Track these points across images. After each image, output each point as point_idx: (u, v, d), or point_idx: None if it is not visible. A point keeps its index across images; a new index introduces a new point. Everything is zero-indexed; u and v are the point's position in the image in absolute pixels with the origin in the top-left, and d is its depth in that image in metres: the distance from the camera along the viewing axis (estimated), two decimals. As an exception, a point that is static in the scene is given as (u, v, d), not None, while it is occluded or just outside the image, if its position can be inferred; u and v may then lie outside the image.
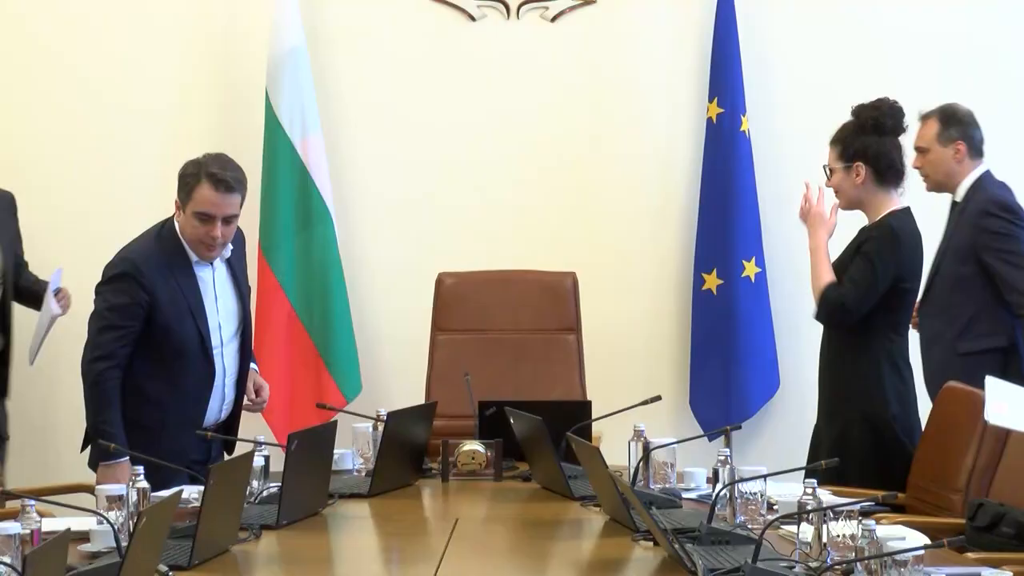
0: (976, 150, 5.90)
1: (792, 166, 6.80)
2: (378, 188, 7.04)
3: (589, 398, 6.13)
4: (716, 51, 6.91)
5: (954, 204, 5.90)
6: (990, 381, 4.49)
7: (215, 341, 5.12)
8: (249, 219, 6.75)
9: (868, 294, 5.24)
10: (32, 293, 6.10)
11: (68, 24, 6.97)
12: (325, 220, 6.83)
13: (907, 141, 5.40)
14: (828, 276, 5.32)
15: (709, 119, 6.90)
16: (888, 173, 5.31)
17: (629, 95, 7.01)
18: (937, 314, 5.84)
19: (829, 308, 5.30)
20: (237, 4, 7.02)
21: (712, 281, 6.90)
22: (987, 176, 5.89)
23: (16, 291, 6.09)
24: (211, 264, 5.13)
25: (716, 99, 6.90)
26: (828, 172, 5.38)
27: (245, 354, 5.28)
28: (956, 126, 5.87)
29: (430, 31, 7.00)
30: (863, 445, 5.25)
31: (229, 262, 5.21)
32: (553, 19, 6.99)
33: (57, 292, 5.92)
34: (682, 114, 7.01)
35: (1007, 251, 5.70)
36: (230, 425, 5.27)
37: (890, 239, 5.25)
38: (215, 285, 5.16)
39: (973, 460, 4.99)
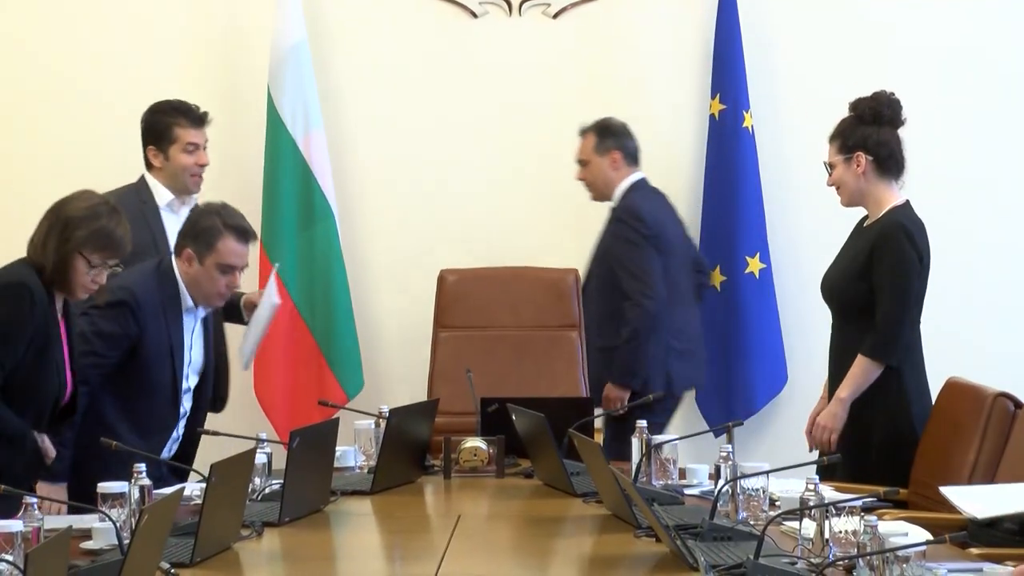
0: (631, 158, 6.30)
1: (796, 161, 6.80)
2: (380, 185, 7.04)
3: (591, 395, 6.16)
4: (718, 47, 6.91)
5: (612, 209, 6.27)
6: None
7: (184, 386, 5.12)
8: (250, 216, 6.77)
9: (908, 312, 5.20)
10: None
11: (69, 21, 6.97)
12: (327, 217, 6.83)
13: (905, 134, 5.37)
14: (859, 380, 5.21)
15: (712, 115, 6.90)
16: (889, 162, 5.29)
17: (631, 92, 7.00)
18: (585, 310, 6.31)
19: (885, 348, 5.20)
20: (239, 1, 7.01)
21: (716, 278, 6.89)
22: (639, 183, 6.29)
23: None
24: (196, 312, 5.13)
25: (719, 95, 6.89)
26: (829, 168, 5.36)
27: (202, 399, 5.23)
28: (611, 137, 6.28)
29: (432, 28, 7.00)
30: (885, 447, 5.21)
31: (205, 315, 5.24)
32: (555, 16, 6.99)
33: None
34: (685, 110, 7.00)
35: (627, 258, 6.11)
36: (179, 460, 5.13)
37: (905, 243, 5.18)
38: (192, 332, 5.16)
39: (976, 455, 4.99)
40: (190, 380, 5.16)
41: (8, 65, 7.03)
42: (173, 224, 5.64)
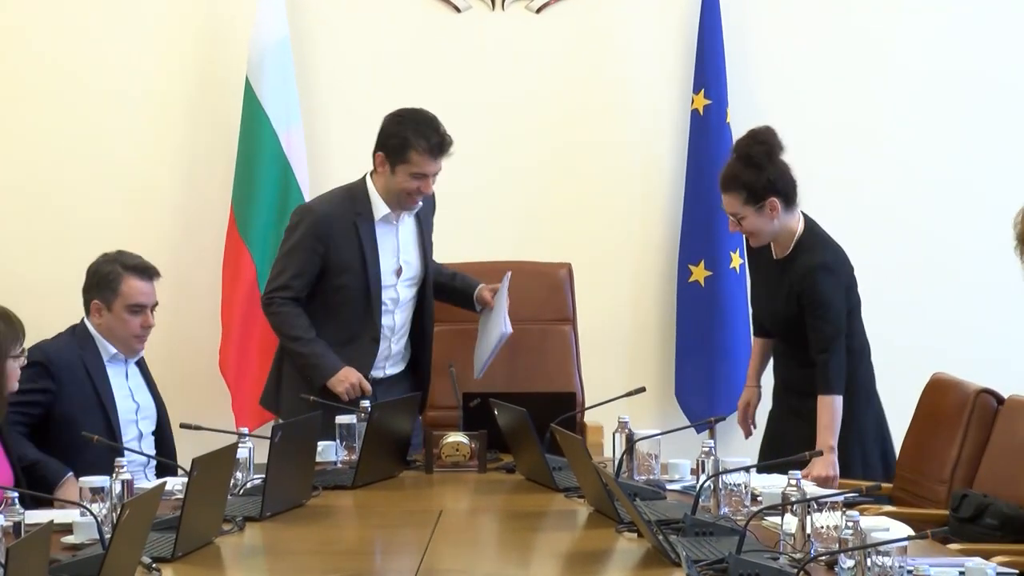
0: None
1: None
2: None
3: (585, 389, 6.16)
4: (701, 42, 6.88)
5: None
6: None
7: (135, 432, 5.11)
8: (223, 208, 6.77)
9: (842, 340, 5.20)
10: (454, 290, 5.85)
11: (49, 13, 6.90)
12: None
13: (889, 132, 5.35)
14: (834, 419, 5.17)
15: (695, 110, 6.89)
16: (793, 194, 5.23)
17: (614, 86, 6.98)
18: None
19: (837, 382, 5.18)
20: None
21: (700, 273, 6.88)
22: None
23: (436, 289, 5.82)
24: (125, 361, 5.14)
25: (702, 91, 6.88)
26: (737, 220, 5.25)
27: (165, 443, 5.23)
28: None
29: (415, 23, 6.96)
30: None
31: (139, 364, 5.23)
32: (538, 10, 6.97)
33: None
34: (667, 105, 6.98)
35: None
36: None
37: (827, 283, 5.18)
38: (127, 379, 5.15)
39: (958, 451, 5.00)
40: (142, 426, 5.14)
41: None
42: (384, 237, 5.55)
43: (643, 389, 5.27)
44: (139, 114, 6.90)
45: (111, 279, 5.08)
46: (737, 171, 5.21)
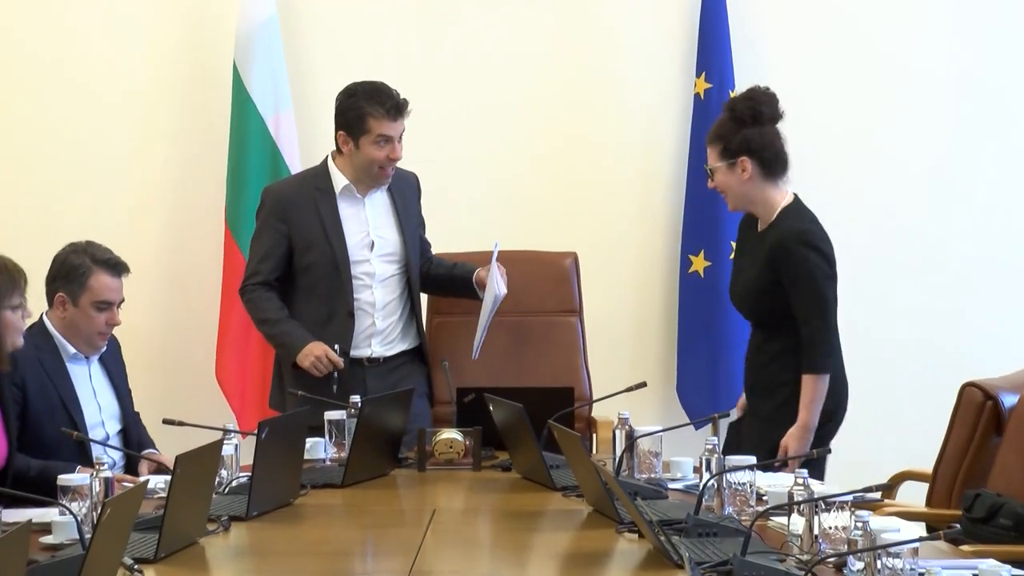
0: None
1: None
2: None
3: (591, 381, 6.10)
4: (704, 25, 6.85)
5: None
6: None
7: (103, 434, 4.98)
8: (216, 195, 6.73)
9: (832, 318, 5.09)
10: (454, 279, 5.81)
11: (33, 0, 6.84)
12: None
13: (885, 122, 5.29)
14: (815, 399, 5.05)
15: (697, 94, 6.82)
16: (775, 163, 5.16)
17: (614, 71, 6.93)
18: None
19: (823, 360, 5.06)
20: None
21: (700, 263, 6.81)
22: None
23: (428, 280, 5.83)
24: (86, 360, 5.01)
25: (704, 74, 6.82)
26: (710, 173, 5.21)
27: (132, 443, 5.10)
28: None
29: (406, 6, 6.89)
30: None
31: (103, 360, 5.10)
32: (535, -7, 6.92)
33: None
34: (669, 90, 6.93)
35: None
36: None
37: (808, 253, 5.05)
38: (91, 380, 5.03)
39: (944, 445, 4.94)
40: (108, 427, 5.04)
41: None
42: (349, 211, 5.59)
43: (644, 384, 5.24)
44: (128, 106, 6.86)
45: (80, 272, 4.95)
46: (720, 124, 5.18)
